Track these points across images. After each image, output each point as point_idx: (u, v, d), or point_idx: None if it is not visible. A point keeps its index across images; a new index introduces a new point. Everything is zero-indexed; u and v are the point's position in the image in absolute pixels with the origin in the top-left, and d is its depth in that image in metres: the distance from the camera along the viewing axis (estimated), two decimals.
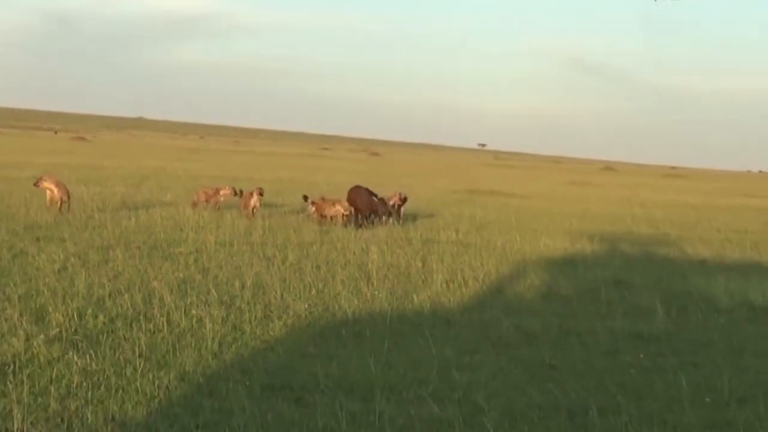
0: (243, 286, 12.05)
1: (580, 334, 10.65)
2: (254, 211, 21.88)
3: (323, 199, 22.45)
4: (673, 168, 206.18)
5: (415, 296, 12.53)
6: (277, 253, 15.67)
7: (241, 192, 22.77)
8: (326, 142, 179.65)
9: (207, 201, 22.80)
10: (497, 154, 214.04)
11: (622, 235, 23.43)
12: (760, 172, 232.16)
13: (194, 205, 22.53)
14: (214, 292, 11.40)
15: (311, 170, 51.02)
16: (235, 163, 59.24)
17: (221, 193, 23.10)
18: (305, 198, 22.69)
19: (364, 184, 23.59)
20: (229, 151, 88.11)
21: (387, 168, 70.54)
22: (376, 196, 22.21)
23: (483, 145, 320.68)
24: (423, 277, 14.35)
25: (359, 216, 21.54)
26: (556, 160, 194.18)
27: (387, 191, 24.83)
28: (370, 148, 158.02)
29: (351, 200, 21.78)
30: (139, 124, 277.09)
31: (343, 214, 21.42)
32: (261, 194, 22.20)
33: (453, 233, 21.42)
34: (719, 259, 18.98)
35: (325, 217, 21.57)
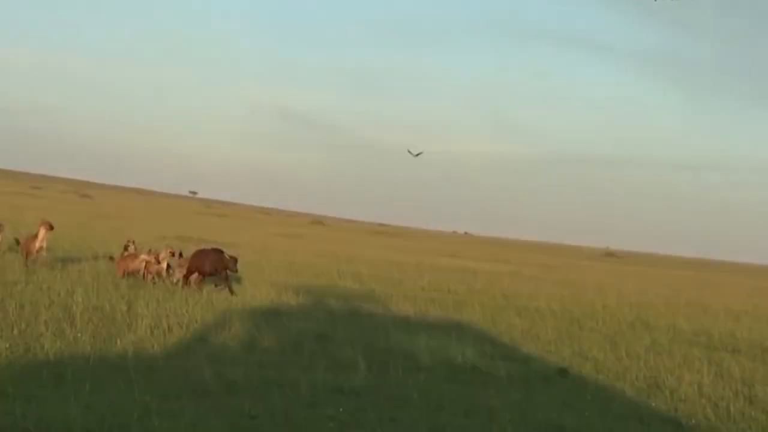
0: None
1: (281, 385, 10.82)
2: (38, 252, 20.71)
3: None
4: (382, 225, 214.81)
5: (119, 340, 12.27)
6: None
7: None
8: (37, 182, 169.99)
9: None
10: (209, 203, 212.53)
11: (328, 289, 24.09)
12: (466, 233, 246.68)
13: None
14: None
15: (20, 209, 48.05)
16: None
17: None
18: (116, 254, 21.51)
19: (75, 225, 22.60)
20: None
21: (98, 210, 68.07)
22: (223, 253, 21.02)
23: (194, 193, 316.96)
24: (128, 321, 14.07)
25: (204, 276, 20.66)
26: (267, 212, 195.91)
27: (97, 235, 23.95)
28: (81, 189, 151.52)
29: (198, 265, 20.70)
30: None
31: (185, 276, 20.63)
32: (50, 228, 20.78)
33: (160, 280, 21.07)
34: (422, 316, 19.75)
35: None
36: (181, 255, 21.71)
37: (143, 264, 20.73)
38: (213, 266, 20.65)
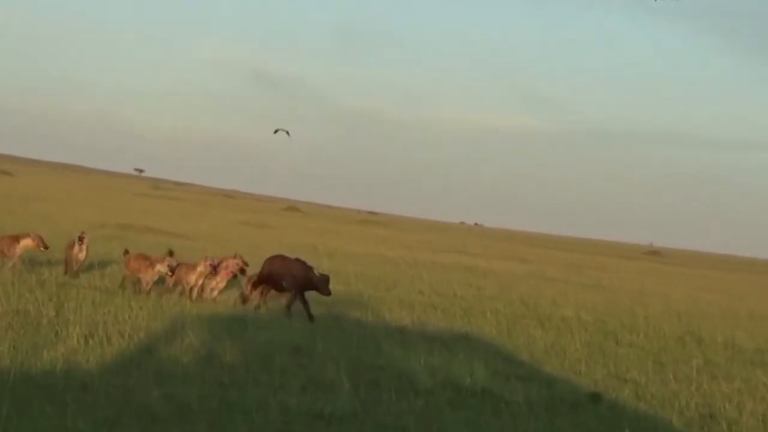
0: None
1: (246, 410, 10.82)
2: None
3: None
4: (372, 213, 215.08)
5: (45, 352, 12.22)
6: None
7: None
8: None
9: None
10: (157, 183, 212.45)
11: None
12: (476, 225, 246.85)
13: None
14: None
15: None
16: None
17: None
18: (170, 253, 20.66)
19: None
20: None
21: (19, 191, 67.86)
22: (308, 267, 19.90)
23: (140, 171, 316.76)
24: (56, 329, 14.02)
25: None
26: (229, 195, 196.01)
27: (20, 220, 23.84)
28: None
29: (275, 275, 19.71)
30: None
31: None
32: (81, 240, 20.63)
33: (97, 277, 21.04)
34: (421, 327, 19.69)
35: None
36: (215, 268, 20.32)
37: (199, 278, 19.91)
38: (296, 283, 19.48)
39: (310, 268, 19.69)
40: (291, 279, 19.53)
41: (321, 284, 19.49)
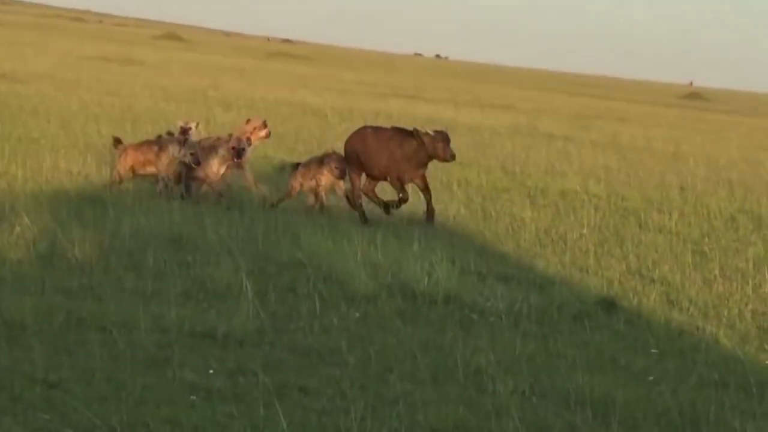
0: None
1: (104, 327, 10.86)
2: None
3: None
4: (287, 42, 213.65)
5: None
6: None
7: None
8: None
9: None
10: None
11: None
12: (438, 57, 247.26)
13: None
14: None
15: None
16: None
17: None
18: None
19: None
20: None
21: None
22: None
23: None
24: None
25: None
26: (80, 17, 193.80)
27: None
28: None
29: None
30: None
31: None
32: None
33: None
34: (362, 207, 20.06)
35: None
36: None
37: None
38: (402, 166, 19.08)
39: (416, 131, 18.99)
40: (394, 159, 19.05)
41: (438, 148, 18.82)
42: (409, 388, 10.14)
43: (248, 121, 20.62)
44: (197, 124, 20.00)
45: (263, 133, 20.21)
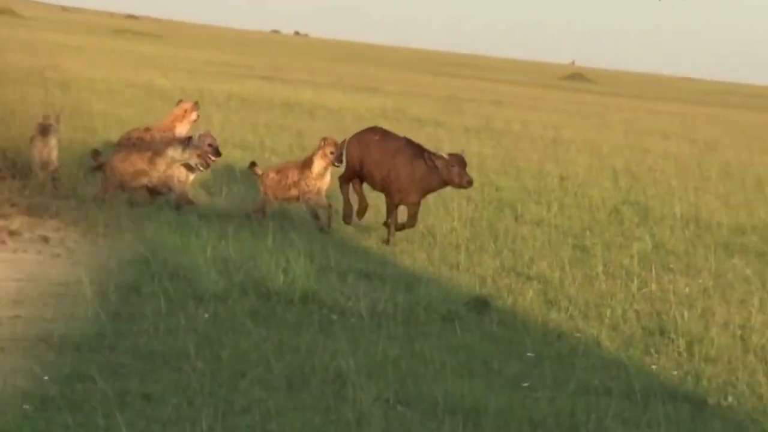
0: None
1: None
2: None
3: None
4: (132, 18, 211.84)
5: None
6: None
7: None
8: None
9: None
10: None
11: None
12: (297, 34, 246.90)
13: None
14: None
15: None
16: None
17: None
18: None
19: None
20: None
21: None
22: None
23: None
24: None
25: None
26: None
27: None
28: None
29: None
30: None
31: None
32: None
33: None
34: (209, 198, 19.84)
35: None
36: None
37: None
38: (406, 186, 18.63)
39: (428, 153, 18.54)
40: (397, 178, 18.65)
41: (453, 173, 18.19)
42: (262, 395, 10.16)
43: (179, 102, 21.28)
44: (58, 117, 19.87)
45: (194, 116, 20.74)
